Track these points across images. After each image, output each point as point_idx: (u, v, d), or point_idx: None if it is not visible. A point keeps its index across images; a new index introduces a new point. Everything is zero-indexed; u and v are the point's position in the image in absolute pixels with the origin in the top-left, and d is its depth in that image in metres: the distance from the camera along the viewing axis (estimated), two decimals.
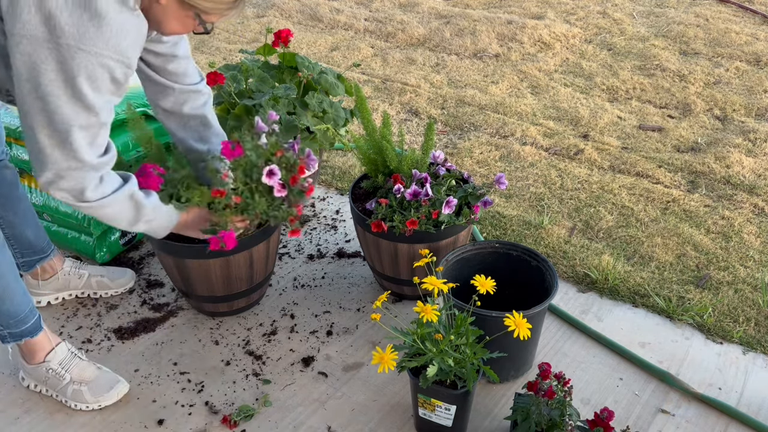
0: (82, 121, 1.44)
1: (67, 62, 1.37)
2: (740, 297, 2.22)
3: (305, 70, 2.49)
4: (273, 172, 1.75)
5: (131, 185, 1.62)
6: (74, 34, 1.35)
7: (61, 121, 1.43)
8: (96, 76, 1.41)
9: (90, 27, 1.36)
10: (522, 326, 1.54)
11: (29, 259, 2.11)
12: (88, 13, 1.36)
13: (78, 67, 1.38)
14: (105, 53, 1.40)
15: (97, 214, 1.60)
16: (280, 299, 2.25)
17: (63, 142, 1.45)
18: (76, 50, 1.36)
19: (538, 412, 1.58)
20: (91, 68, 1.39)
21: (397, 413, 1.84)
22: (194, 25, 1.54)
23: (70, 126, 1.44)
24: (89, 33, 1.36)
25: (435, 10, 4.84)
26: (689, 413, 1.84)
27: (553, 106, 3.51)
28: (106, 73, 1.42)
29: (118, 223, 1.65)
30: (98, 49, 1.38)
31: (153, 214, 1.69)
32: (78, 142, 1.46)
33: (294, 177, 1.80)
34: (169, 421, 1.83)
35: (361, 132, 3.18)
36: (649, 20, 4.62)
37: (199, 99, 1.91)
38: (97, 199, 1.56)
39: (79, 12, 1.35)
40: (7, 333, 1.78)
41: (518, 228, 2.56)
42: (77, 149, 1.47)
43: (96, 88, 1.42)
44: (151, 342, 2.09)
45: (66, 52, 1.36)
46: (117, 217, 1.63)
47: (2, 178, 1.95)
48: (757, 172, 2.90)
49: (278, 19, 4.78)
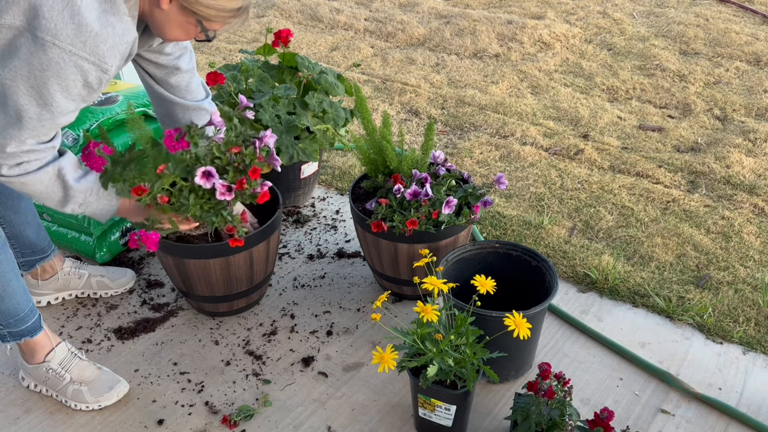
0: (32, 115, 1.39)
1: (38, 56, 1.33)
2: (740, 297, 2.22)
3: (305, 70, 2.49)
4: (209, 174, 1.58)
5: (60, 163, 1.53)
6: (52, 29, 1.33)
7: (13, 109, 1.38)
8: (67, 76, 1.37)
9: (70, 24, 1.33)
10: (522, 326, 1.54)
11: (29, 259, 2.11)
12: (70, 11, 1.33)
13: (49, 63, 1.34)
14: (81, 54, 1.36)
15: (21, 190, 1.52)
16: (280, 299, 2.25)
17: (3, 128, 1.40)
18: (51, 45, 1.33)
19: (538, 412, 1.58)
20: (63, 66, 1.35)
21: (397, 413, 1.84)
22: (196, 32, 1.51)
23: (19, 118, 1.38)
24: (67, 30, 1.33)
25: (435, 10, 4.84)
26: (689, 413, 1.84)
27: (553, 106, 3.51)
28: (78, 75, 1.38)
29: (47, 202, 1.57)
30: (75, 49, 1.35)
31: (84, 197, 1.59)
32: (16, 137, 1.40)
33: (241, 181, 1.62)
34: (169, 421, 1.83)
35: (361, 132, 3.18)
36: (649, 20, 4.62)
37: (203, 117, 1.88)
38: (16, 175, 1.48)
39: (60, 7, 1.32)
40: (7, 332, 1.78)
41: (518, 228, 2.57)
42: (7, 142, 1.41)
43: (65, 89, 1.38)
44: (151, 342, 2.09)
45: (40, 46, 1.33)
46: (44, 197, 1.55)
47: None
48: (757, 172, 2.90)
49: (278, 19, 4.78)
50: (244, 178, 1.62)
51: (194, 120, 1.86)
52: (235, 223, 1.68)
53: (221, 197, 1.60)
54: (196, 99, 1.87)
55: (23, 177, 1.48)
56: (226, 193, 1.60)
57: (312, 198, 2.78)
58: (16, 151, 1.44)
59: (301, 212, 2.69)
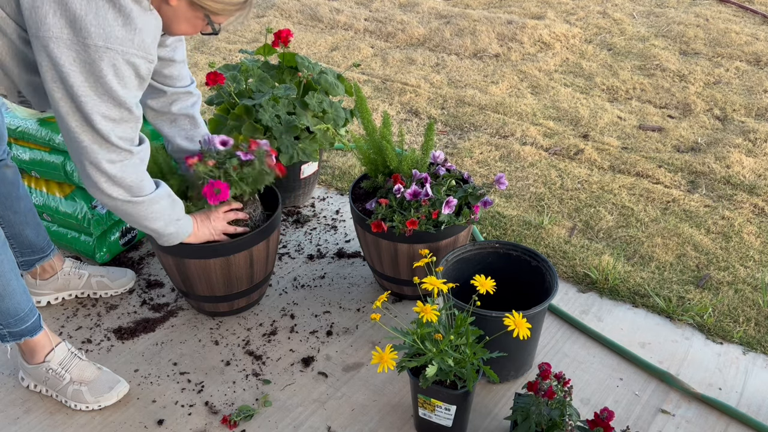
0: (115, 116, 1.50)
1: (96, 62, 1.42)
2: (740, 297, 2.22)
3: (305, 70, 2.49)
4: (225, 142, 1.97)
5: (165, 185, 1.74)
6: (101, 34, 1.40)
7: (98, 120, 1.48)
8: (123, 73, 1.46)
9: (115, 26, 1.41)
10: (522, 326, 1.54)
11: (29, 259, 2.11)
12: (113, 13, 1.41)
13: (107, 66, 1.43)
14: (131, 51, 1.44)
15: (144, 211, 1.67)
16: (280, 299, 2.25)
17: (103, 139, 1.51)
18: (104, 50, 1.41)
19: (538, 412, 1.58)
20: (118, 66, 1.44)
21: (397, 413, 1.84)
22: (203, 26, 1.58)
23: (108, 123, 1.50)
24: (115, 32, 1.41)
25: (435, 10, 4.84)
26: (689, 413, 1.84)
27: (553, 106, 3.51)
28: (131, 70, 1.47)
29: (155, 221, 1.72)
30: (125, 47, 1.43)
31: (182, 213, 1.81)
32: (115, 138, 1.52)
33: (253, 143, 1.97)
34: (169, 421, 1.83)
35: (361, 132, 3.18)
36: (649, 20, 4.62)
37: (188, 99, 1.95)
38: (149, 194, 1.64)
39: (104, 12, 1.40)
40: (6, 332, 1.78)
41: (518, 228, 2.56)
42: (116, 143, 1.53)
43: (123, 84, 1.47)
44: (151, 342, 2.09)
45: (94, 53, 1.41)
46: (158, 215, 1.71)
47: (3, 177, 1.95)
48: (757, 172, 2.90)
49: (278, 19, 4.78)
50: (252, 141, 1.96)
51: (180, 103, 1.93)
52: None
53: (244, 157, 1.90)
54: (184, 85, 1.93)
55: (153, 195, 1.68)
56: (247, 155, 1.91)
57: (312, 198, 2.78)
58: (130, 149, 1.58)
59: (301, 212, 2.69)
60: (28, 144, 2.28)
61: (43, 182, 2.36)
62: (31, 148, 2.29)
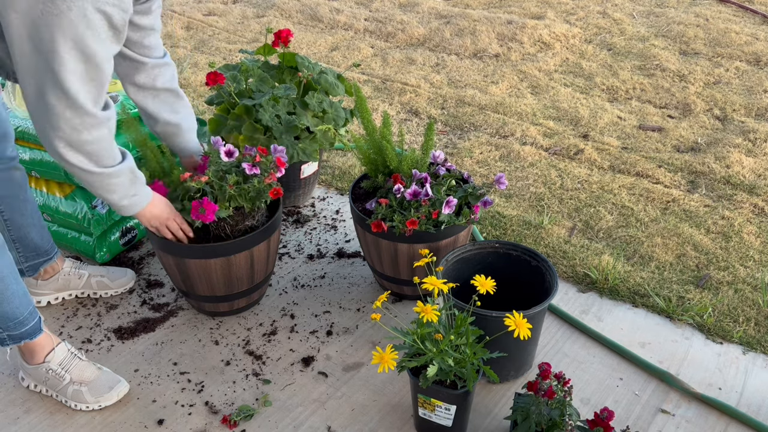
0: (83, 72, 1.43)
1: (64, 13, 1.35)
2: (740, 297, 2.22)
3: (305, 70, 2.49)
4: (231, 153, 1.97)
5: (131, 159, 1.71)
6: None
7: (66, 77, 1.41)
8: (94, 23, 1.40)
9: None
10: (522, 326, 1.54)
11: (33, 263, 2.10)
12: None
13: (77, 17, 1.36)
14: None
15: (102, 182, 1.62)
16: (280, 299, 2.25)
17: (73, 99, 1.44)
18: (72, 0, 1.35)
19: (538, 412, 1.58)
20: (88, 15, 1.38)
21: (397, 413, 1.84)
22: None
23: (79, 80, 1.43)
24: None
25: (435, 10, 4.84)
26: (689, 413, 1.84)
27: (553, 106, 3.51)
28: (103, 19, 1.41)
29: (112, 194, 1.69)
30: None
31: (141, 188, 1.78)
32: (84, 97, 1.46)
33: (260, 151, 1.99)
34: (169, 421, 1.83)
35: (361, 132, 3.18)
36: (649, 20, 4.62)
37: (168, 71, 1.92)
38: (110, 167, 1.60)
39: None
40: (6, 336, 1.77)
41: (518, 228, 2.56)
42: (83, 104, 1.46)
43: (96, 36, 1.41)
44: (151, 342, 2.09)
45: (62, 3, 1.35)
46: (115, 189, 1.67)
47: (12, 179, 1.94)
48: (757, 172, 2.90)
49: (278, 19, 4.78)
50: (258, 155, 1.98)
51: (162, 77, 1.90)
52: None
53: (250, 172, 1.93)
54: (160, 55, 1.89)
55: (116, 168, 1.63)
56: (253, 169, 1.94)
57: (312, 198, 2.78)
58: (97, 113, 1.52)
59: (301, 212, 2.69)
60: (28, 144, 2.28)
61: (43, 182, 2.36)
62: (31, 148, 2.28)
